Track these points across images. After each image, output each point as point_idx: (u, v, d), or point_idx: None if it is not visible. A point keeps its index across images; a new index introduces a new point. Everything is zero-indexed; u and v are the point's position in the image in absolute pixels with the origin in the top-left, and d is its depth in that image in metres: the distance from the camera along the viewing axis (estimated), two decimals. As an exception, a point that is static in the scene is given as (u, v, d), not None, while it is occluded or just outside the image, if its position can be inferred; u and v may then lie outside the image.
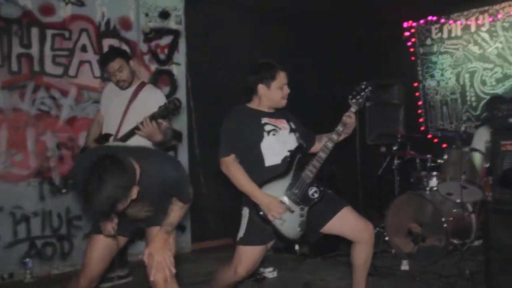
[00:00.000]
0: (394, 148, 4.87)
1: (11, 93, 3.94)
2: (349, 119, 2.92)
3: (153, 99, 3.32)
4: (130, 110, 3.40)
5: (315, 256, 4.39)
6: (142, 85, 3.54)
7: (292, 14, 5.40)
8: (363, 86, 3.00)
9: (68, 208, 4.14)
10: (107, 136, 3.43)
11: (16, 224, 3.94)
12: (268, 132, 2.82)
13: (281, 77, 2.86)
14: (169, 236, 2.34)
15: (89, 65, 4.30)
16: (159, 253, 2.24)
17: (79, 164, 2.46)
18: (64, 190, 4.13)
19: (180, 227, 4.77)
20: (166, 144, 3.57)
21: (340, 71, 5.45)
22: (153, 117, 2.97)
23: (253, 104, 2.92)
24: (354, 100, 2.97)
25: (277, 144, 2.83)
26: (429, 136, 5.78)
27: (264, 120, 2.85)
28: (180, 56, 4.81)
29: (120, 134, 3.33)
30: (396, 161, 4.87)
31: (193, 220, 4.86)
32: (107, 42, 4.37)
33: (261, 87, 2.86)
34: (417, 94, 5.90)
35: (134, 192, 2.08)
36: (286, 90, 2.90)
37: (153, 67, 4.66)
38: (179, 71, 4.81)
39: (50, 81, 4.10)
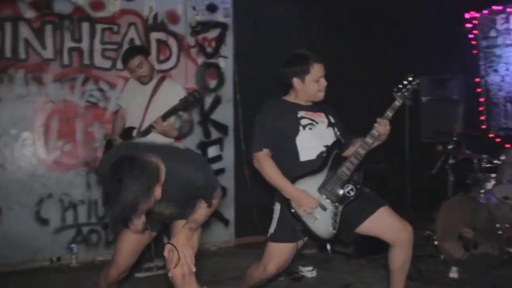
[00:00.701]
0: (449, 146, 4.57)
1: (62, 85, 4.12)
2: (381, 127, 2.73)
3: (173, 92, 3.44)
4: (152, 104, 3.54)
5: (359, 257, 4.23)
6: (162, 79, 3.67)
7: (342, 4, 5.22)
8: (410, 79, 2.82)
9: (114, 197, 4.26)
10: (131, 129, 3.56)
11: (64, 211, 4.13)
12: (304, 126, 2.73)
13: (316, 70, 2.74)
14: (193, 233, 2.28)
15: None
16: (180, 249, 2.18)
17: (105, 161, 2.46)
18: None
19: (223, 221, 4.79)
20: (185, 135, 3.90)
21: (394, 64, 5.19)
22: (169, 113, 3.25)
23: (290, 97, 2.84)
24: (399, 93, 2.79)
25: (313, 139, 2.73)
26: (491, 135, 5.37)
27: (301, 113, 2.76)
28: (228, 49, 4.80)
29: (143, 128, 3.48)
30: (451, 161, 4.57)
31: (238, 214, 4.86)
32: (154, 36, 4.46)
33: (295, 81, 2.76)
34: (478, 90, 5.50)
35: (158, 192, 2.00)
36: (323, 82, 2.77)
37: (200, 60, 4.69)
38: (226, 64, 4.80)
39: (99, 74, 4.25)
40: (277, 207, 2.78)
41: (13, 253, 3.96)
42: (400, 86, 2.80)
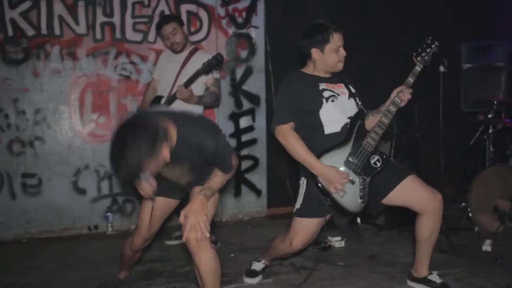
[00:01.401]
0: (490, 115, 4.38)
1: (95, 59, 4.23)
2: (403, 94, 2.67)
3: (202, 61, 3.39)
4: (182, 74, 3.55)
5: (391, 229, 4.18)
6: (194, 50, 3.68)
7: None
8: (429, 41, 2.74)
9: (147, 168, 4.39)
10: (159, 98, 3.60)
11: (100, 181, 4.30)
12: (327, 98, 2.68)
13: (336, 39, 2.67)
14: (208, 199, 2.30)
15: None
16: (193, 215, 2.21)
17: None
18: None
19: (256, 191, 4.83)
20: (211, 106, 4.01)
21: (434, 31, 4.95)
22: (192, 78, 3.27)
23: (308, 69, 2.79)
24: (419, 58, 2.71)
25: (336, 111, 2.69)
26: (537, 103, 5.08)
27: (322, 86, 2.71)
28: (259, 19, 4.73)
29: None
30: (490, 131, 4.39)
31: (270, 185, 4.88)
32: (185, 8, 4.46)
33: (314, 51, 2.71)
34: (525, 55, 5.18)
35: (166, 152, 2.02)
36: (342, 52, 2.71)
37: (231, 31, 4.65)
38: (257, 34, 4.74)
39: (130, 48, 4.31)
40: (303, 181, 2.76)
41: (54, 221, 4.19)
42: (420, 50, 2.72)
